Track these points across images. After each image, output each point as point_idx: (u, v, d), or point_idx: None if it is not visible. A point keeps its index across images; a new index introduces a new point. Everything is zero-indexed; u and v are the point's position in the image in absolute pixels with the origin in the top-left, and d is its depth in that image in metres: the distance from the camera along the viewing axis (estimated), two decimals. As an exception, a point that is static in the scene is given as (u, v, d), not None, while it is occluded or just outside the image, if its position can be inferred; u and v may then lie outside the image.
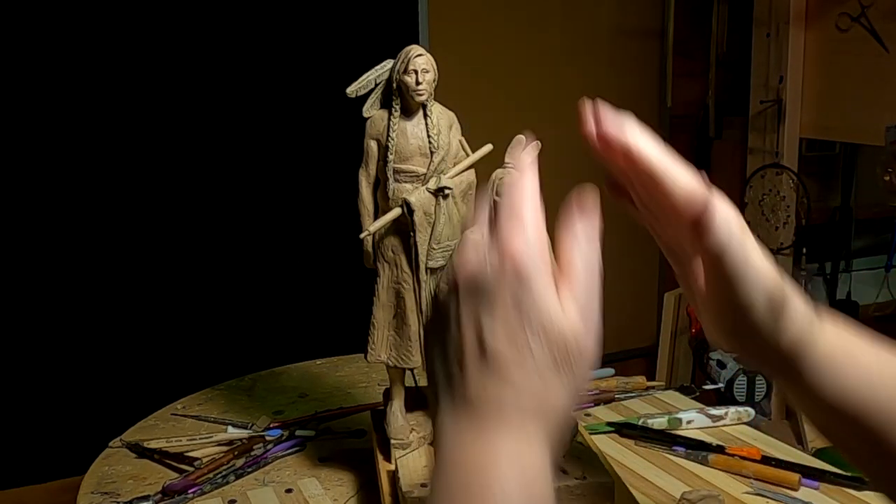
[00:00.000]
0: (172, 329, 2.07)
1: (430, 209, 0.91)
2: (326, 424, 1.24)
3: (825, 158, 2.64)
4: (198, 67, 2.01)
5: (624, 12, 2.62)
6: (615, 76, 2.63)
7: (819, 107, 2.39)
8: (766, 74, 2.46)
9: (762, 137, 2.51)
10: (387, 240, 0.94)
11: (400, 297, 0.95)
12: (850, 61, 2.26)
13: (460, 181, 0.93)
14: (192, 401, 1.35)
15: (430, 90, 0.91)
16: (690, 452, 1.11)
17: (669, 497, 1.00)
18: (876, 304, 2.63)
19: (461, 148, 0.95)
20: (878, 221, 2.60)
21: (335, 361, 1.52)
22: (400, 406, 0.98)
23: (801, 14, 2.37)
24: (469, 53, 2.36)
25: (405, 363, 0.96)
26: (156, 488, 1.05)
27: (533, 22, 2.48)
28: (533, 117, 2.41)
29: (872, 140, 2.17)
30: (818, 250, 2.62)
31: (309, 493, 1.04)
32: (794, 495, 1.01)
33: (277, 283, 2.18)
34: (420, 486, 0.85)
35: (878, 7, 2.18)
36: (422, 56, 0.90)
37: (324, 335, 1.78)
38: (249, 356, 1.60)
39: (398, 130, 0.92)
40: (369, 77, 0.94)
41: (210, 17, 2.01)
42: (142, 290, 2.04)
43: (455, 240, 0.92)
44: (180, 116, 2.01)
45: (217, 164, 2.07)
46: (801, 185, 2.43)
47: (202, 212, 2.07)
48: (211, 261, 2.10)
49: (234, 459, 1.11)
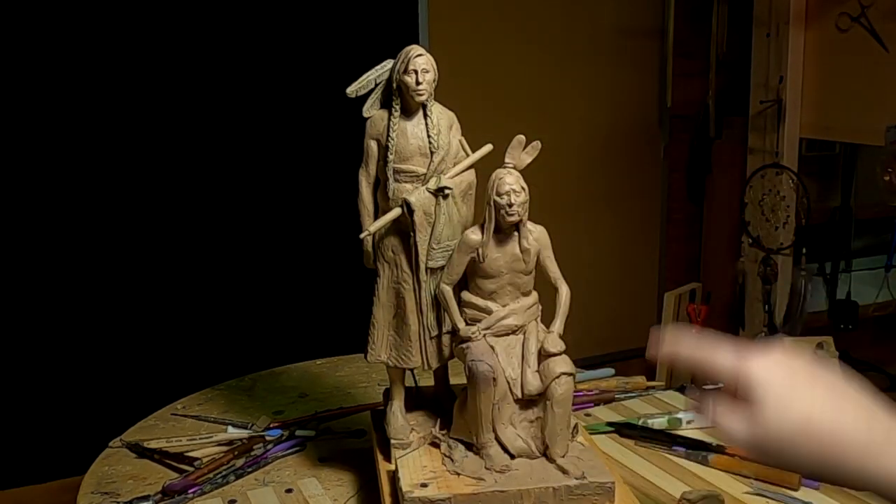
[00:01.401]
0: (172, 329, 2.07)
1: (430, 209, 0.91)
2: (326, 424, 1.24)
3: (825, 158, 2.64)
4: (198, 67, 2.01)
5: (624, 12, 2.62)
6: (615, 76, 2.63)
7: (819, 107, 2.39)
8: (766, 74, 2.46)
9: (762, 137, 2.51)
10: (387, 240, 0.94)
11: (400, 297, 0.94)
12: (850, 61, 2.26)
13: (460, 181, 0.93)
14: (192, 401, 1.35)
15: (430, 90, 0.91)
16: (690, 452, 1.11)
17: (669, 497, 1.00)
18: (876, 304, 2.63)
19: (461, 148, 0.94)
20: (878, 221, 2.60)
21: (335, 361, 1.52)
22: (400, 406, 0.98)
23: (801, 14, 2.37)
24: (469, 53, 2.36)
25: (405, 363, 0.96)
26: (156, 488, 1.05)
27: (533, 22, 2.48)
28: (533, 117, 2.43)
29: (872, 140, 2.17)
30: (818, 250, 2.62)
31: (309, 493, 1.04)
32: (794, 495, 1.01)
33: (277, 283, 2.18)
34: (420, 486, 0.85)
35: (878, 7, 2.18)
36: (422, 56, 0.90)
37: (324, 335, 1.78)
38: (249, 356, 1.60)
39: (398, 130, 0.92)
40: (369, 77, 0.94)
41: (210, 18, 2.01)
42: (142, 291, 2.04)
43: (455, 240, 0.92)
44: (181, 117, 2.02)
45: (217, 165, 2.08)
46: (801, 185, 2.43)
47: (202, 212, 2.08)
48: (211, 261, 2.10)
49: (234, 459, 1.11)
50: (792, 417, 0.54)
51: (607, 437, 1.18)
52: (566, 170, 2.54)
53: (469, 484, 0.85)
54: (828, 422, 0.53)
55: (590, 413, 1.27)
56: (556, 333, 0.89)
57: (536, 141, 0.87)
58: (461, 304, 0.92)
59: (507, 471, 0.86)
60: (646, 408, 1.27)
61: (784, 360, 0.56)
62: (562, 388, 0.86)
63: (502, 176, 0.86)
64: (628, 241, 2.76)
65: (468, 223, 0.94)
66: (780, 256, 2.50)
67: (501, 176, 0.86)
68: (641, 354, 2.68)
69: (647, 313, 2.84)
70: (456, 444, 0.91)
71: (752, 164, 2.56)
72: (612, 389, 1.32)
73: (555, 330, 0.90)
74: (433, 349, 0.95)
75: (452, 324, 0.92)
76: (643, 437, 1.16)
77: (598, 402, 1.30)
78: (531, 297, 0.92)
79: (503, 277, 0.90)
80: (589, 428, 1.18)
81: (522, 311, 0.91)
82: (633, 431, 1.18)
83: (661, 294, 2.78)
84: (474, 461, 0.88)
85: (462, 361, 0.89)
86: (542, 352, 0.88)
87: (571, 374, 0.87)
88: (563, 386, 0.86)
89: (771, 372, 0.55)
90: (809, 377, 0.55)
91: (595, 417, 1.25)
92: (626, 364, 2.65)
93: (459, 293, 0.93)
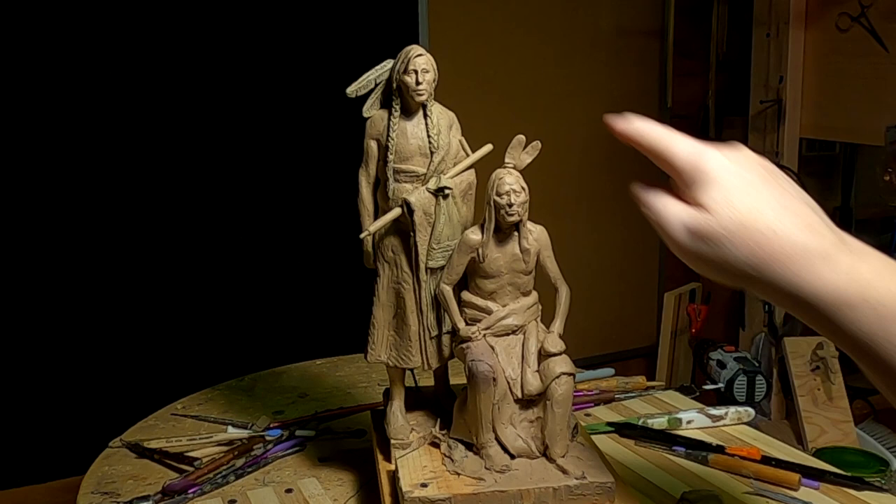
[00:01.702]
0: (172, 329, 2.07)
1: (430, 209, 0.91)
2: (326, 424, 1.24)
3: (825, 158, 2.64)
4: (198, 67, 2.01)
5: (624, 12, 2.62)
6: (615, 76, 2.63)
7: (819, 107, 2.39)
8: (766, 74, 2.46)
9: (762, 137, 2.51)
10: (387, 240, 0.94)
11: (400, 297, 0.94)
12: (850, 61, 2.26)
13: (460, 181, 0.93)
14: (192, 401, 1.35)
15: (430, 90, 0.91)
16: (690, 452, 1.11)
17: (669, 497, 1.00)
18: (876, 304, 2.62)
19: (461, 148, 0.94)
20: (878, 221, 2.60)
21: (335, 361, 1.52)
22: (400, 406, 0.98)
23: (801, 14, 2.37)
24: (469, 53, 2.36)
25: (405, 363, 0.96)
26: (156, 488, 1.05)
27: (533, 22, 2.48)
28: (533, 117, 2.43)
29: (872, 140, 2.17)
30: (818, 250, 2.62)
31: (309, 493, 1.04)
32: (794, 495, 1.01)
33: (277, 284, 2.18)
34: (420, 486, 0.85)
35: (878, 7, 2.18)
36: (422, 56, 0.90)
37: (324, 335, 1.78)
38: (249, 356, 1.60)
39: (398, 130, 0.92)
40: (369, 77, 0.94)
41: (210, 18, 2.01)
42: (141, 291, 2.04)
43: (455, 240, 0.92)
44: (180, 117, 2.02)
45: (217, 165, 2.07)
46: (801, 185, 2.43)
47: (202, 212, 2.08)
48: (211, 261, 2.10)
49: (234, 459, 1.11)
50: (739, 208, 0.52)
51: (607, 437, 1.18)
52: (566, 169, 2.54)
53: (469, 484, 0.85)
54: (773, 220, 0.51)
55: (590, 413, 1.27)
56: (556, 333, 0.89)
57: (536, 141, 0.87)
58: (461, 304, 0.92)
59: (507, 471, 0.86)
60: (646, 408, 1.28)
61: (742, 155, 0.55)
62: (562, 388, 0.86)
63: (502, 176, 0.86)
64: (628, 240, 2.76)
65: (468, 223, 0.94)
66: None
67: (501, 176, 0.86)
68: (641, 354, 2.69)
69: (647, 313, 2.84)
70: (456, 444, 0.91)
71: (752, 164, 2.55)
72: (612, 389, 1.32)
73: (555, 330, 0.90)
74: (433, 349, 0.96)
75: (452, 324, 0.92)
76: (643, 437, 1.16)
77: (598, 402, 1.30)
78: (531, 297, 0.92)
79: (503, 277, 0.90)
80: (589, 428, 1.18)
81: (522, 311, 0.91)
82: (633, 431, 1.18)
83: (661, 294, 2.78)
84: (474, 461, 0.88)
85: (462, 361, 0.89)
86: (542, 352, 0.88)
87: (571, 374, 0.87)
88: (563, 386, 0.86)
89: (727, 161, 0.54)
90: (765, 175, 0.54)
91: (595, 417, 1.25)
92: (625, 364, 2.65)
93: (459, 293, 0.93)
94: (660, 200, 0.55)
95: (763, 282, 0.52)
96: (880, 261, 0.51)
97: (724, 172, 0.53)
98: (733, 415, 1.21)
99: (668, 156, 0.55)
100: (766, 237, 0.51)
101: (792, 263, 0.50)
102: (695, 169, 0.54)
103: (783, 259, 0.51)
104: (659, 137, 0.56)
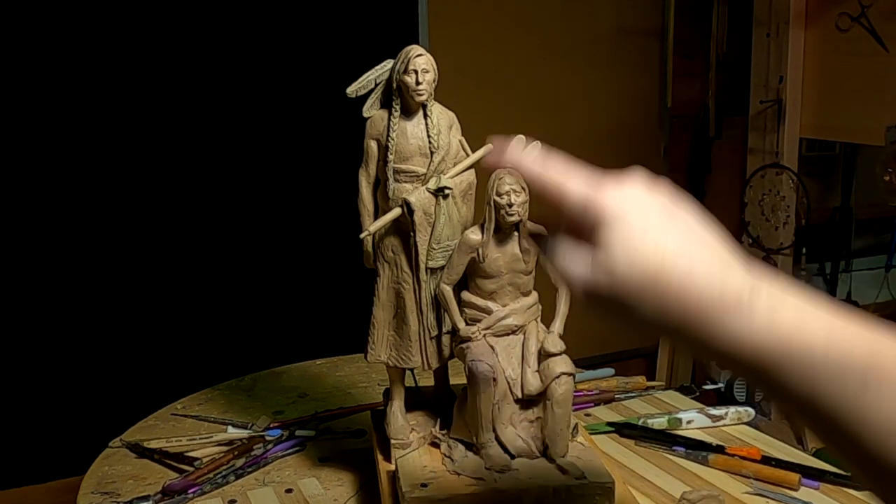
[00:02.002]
0: (172, 329, 2.07)
1: (430, 209, 0.91)
2: (326, 424, 1.24)
3: (825, 158, 2.64)
4: (198, 68, 2.01)
5: (624, 12, 2.62)
6: (615, 76, 2.63)
7: (819, 107, 2.39)
8: (766, 74, 2.46)
9: (762, 137, 2.51)
10: (387, 240, 0.94)
11: (400, 297, 0.95)
12: (850, 61, 2.26)
13: (460, 181, 0.93)
14: (192, 401, 1.35)
15: (430, 90, 0.91)
16: (690, 452, 1.11)
17: (669, 497, 1.00)
18: (876, 304, 2.63)
19: (461, 148, 0.94)
20: (878, 221, 2.61)
21: (335, 361, 1.52)
22: (400, 406, 0.98)
23: (801, 14, 2.37)
24: (469, 53, 2.36)
25: (405, 363, 0.96)
26: (156, 488, 1.05)
27: (533, 22, 2.48)
28: (533, 117, 2.42)
29: (872, 140, 2.17)
30: (818, 250, 2.62)
31: (309, 493, 1.04)
32: (794, 495, 1.01)
33: (277, 283, 2.18)
34: (420, 486, 0.85)
35: (878, 7, 2.18)
36: (422, 56, 0.90)
37: (324, 335, 1.78)
38: (249, 356, 1.60)
39: (398, 130, 0.92)
40: (369, 77, 0.94)
41: (210, 18, 2.01)
42: (141, 291, 2.04)
43: (455, 240, 0.92)
44: (180, 117, 2.02)
45: (217, 165, 2.07)
46: (801, 185, 2.43)
47: (202, 212, 2.08)
48: (211, 261, 2.10)
49: (234, 459, 1.11)
50: (643, 264, 0.46)
51: (607, 437, 1.18)
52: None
53: (469, 484, 0.85)
54: (680, 273, 0.45)
55: (590, 413, 1.27)
56: (556, 333, 0.89)
57: (536, 141, 0.87)
58: (461, 304, 0.92)
59: (507, 471, 0.86)
60: (646, 408, 1.27)
61: (640, 196, 0.48)
62: (562, 388, 0.86)
63: (502, 176, 0.86)
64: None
65: (468, 223, 0.94)
66: (780, 256, 2.50)
67: (501, 176, 0.86)
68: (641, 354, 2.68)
69: (647, 313, 2.84)
70: (456, 444, 0.91)
71: (752, 164, 2.56)
72: (612, 389, 1.32)
73: (555, 330, 0.90)
74: (433, 349, 0.96)
75: (452, 324, 0.92)
76: (643, 437, 1.16)
77: (598, 402, 1.30)
78: (531, 297, 0.92)
79: (503, 277, 0.90)
80: (589, 428, 1.18)
81: (522, 311, 0.91)
82: (633, 431, 1.17)
83: (661, 294, 2.77)
84: (474, 461, 0.88)
85: (462, 361, 0.89)
86: (542, 352, 0.88)
87: (571, 374, 0.87)
88: (563, 386, 0.86)
89: (625, 207, 0.47)
90: (667, 218, 0.48)
91: (595, 417, 1.25)
92: (625, 364, 2.65)
93: (459, 293, 0.93)
94: (564, 256, 0.51)
95: (682, 339, 0.47)
96: (799, 303, 0.45)
97: (622, 227, 0.47)
98: (733, 415, 1.21)
99: (561, 201, 0.51)
100: (674, 291, 0.45)
101: (707, 318, 0.45)
102: (591, 217, 0.48)
103: (697, 314, 0.45)
104: (550, 181, 0.52)
